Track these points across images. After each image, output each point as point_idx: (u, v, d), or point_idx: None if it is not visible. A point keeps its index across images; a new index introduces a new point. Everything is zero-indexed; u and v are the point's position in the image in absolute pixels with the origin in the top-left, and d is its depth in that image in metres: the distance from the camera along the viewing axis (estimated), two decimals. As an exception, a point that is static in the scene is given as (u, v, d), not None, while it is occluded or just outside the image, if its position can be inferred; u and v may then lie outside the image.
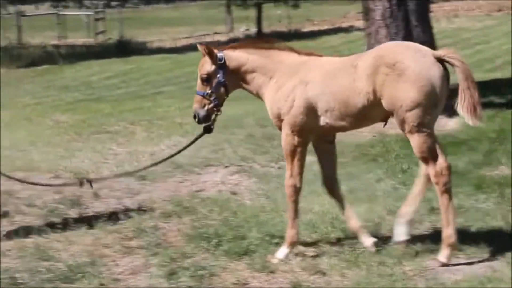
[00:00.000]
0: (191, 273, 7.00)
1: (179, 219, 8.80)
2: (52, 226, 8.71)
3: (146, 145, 13.01)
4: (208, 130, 7.68)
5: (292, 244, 7.36)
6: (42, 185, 9.68)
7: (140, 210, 9.11)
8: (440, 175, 6.82)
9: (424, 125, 6.76)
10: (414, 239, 7.49)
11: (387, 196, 9.21)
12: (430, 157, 6.84)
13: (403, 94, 6.69)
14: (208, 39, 37.80)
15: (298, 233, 7.43)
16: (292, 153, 7.24)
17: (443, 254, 7.04)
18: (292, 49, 7.46)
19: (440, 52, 6.83)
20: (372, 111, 6.93)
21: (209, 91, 7.43)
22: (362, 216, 7.97)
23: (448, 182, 6.86)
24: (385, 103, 6.82)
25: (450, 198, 6.90)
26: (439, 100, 6.77)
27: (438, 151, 6.86)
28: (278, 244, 7.54)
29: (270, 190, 9.90)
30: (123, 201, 9.70)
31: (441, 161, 6.82)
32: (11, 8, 42.19)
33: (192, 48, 33.82)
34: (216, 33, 40.89)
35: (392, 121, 7.06)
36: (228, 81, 7.43)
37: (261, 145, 12.48)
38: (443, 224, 7.04)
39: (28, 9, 50.48)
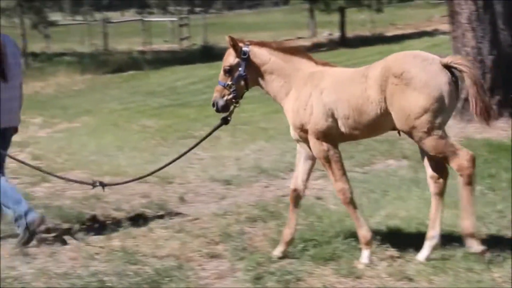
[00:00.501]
0: (277, 277, 6.99)
1: (264, 224, 8.82)
2: (139, 230, 8.83)
3: (230, 150, 13.10)
4: (225, 121, 7.80)
5: (368, 243, 7.34)
6: (58, 177, 9.73)
7: (226, 215, 9.15)
8: (466, 167, 6.87)
9: (434, 129, 6.86)
10: (499, 245, 7.36)
11: (475, 202, 9.05)
12: (450, 154, 6.90)
13: (412, 102, 6.82)
14: (292, 44, 37.87)
15: (369, 230, 7.40)
16: (327, 159, 7.28)
17: (471, 244, 7.05)
18: (310, 58, 7.57)
19: (447, 59, 6.92)
20: (384, 120, 7.05)
21: (230, 83, 7.55)
22: (448, 222, 7.86)
23: (472, 174, 6.90)
24: (394, 112, 6.95)
25: (472, 190, 6.95)
26: (447, 106, 6.86)
27: (457, 146, 6.96)
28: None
29: (355, 195, 9.81)
30: (209, 205, 9.77)
31: (463, 153, 6.90)
32: (98, 15, 42.91)
33: (275, 53, 34.00)
34: (299, 37, 40.98)
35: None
36: (249, 75, 7.54)
37: (345, 150, 12.39)
38: (462, 216, 7.07)
39: (114, 16, 51.41)
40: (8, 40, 8.86)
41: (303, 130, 7.31)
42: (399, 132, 7.26)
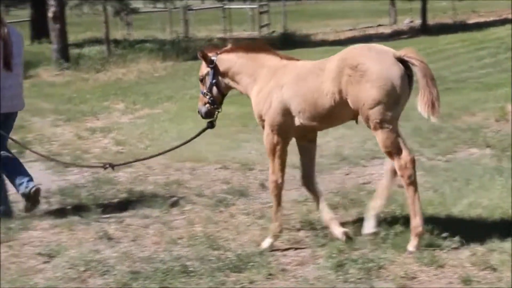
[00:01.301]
0: (359, 265, 6.96)
1: (345, 212, 8.80)
2: (220, 215, 8.90)
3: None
4: (210, 125, 8.43)
5: (275, 236, 7.72)
6: (68, 164, 10.20)
7: (307, 201, 9.13)
8: (405, 168, 7.17)
9: (386, 122, 7.11)
10: None
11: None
12: (394, 151, 7.20)
13: (365, 93, 7.07)
14: (372, 31, 37.58)
15: (281, 225, 7.77)
16: (273, 151, 7.70)
17: (411, 244, 7.28)
18: (275, 53, 7.97)
19: (400, 53, 7.13)
20: (340, 111, 7.34)
21: (205, 91, 8.19)
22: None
23: (413, 175, 7.18)
24: (350, 102, 7.21)
25: (415, 190, 7.20)
26: (400, 98, 7.09)
27: (402, 145, 7.20)
28: (446, 238, 7.41)
29: (437, 183, 9.74)
30: (290, 192, 9.77)
31: (405, 154, 7.17)
32: (178, 3, 43.19)
33: (356, 40, 33.77)
34: (379, 25, 40.61)
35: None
36: (220, 82, 8.10)
37: (428, 138, 12.31)
38: (410, 215, 7.30)
39: (195, 3, 51.68)
40: (12, 30, 9.34)
41: (261, 120, 7.74)
42: (356, 121, 7.48)
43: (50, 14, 28.49)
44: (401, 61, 7.13)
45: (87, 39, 37.75)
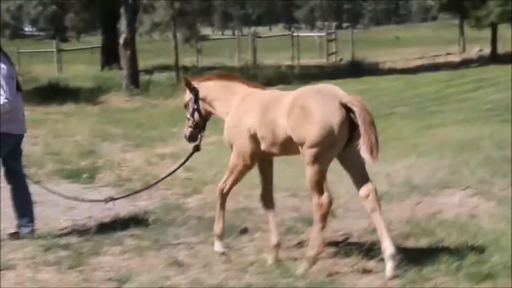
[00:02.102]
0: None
1: (416, 241, 8.66)
2: (290, 243, 8.84)
3: (381, 166, 12.88)
4: (196, 148, 9.08)
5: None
6: (67, 197, 10.26)
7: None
8: (320, 207, 7.66)
9: (318, 162, 7.57)
10: None
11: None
12: (316, 190, 7.66)
13: (306, 133, 7.54)
14: (441, 59, 37.28)
15: (222, 229, 8.54)
16: (233, 170, 8.38)
17: (300, 270, 7.71)
18: (243, 82, 8.69)
19: (346, 99, 7.55)
20: (292, 143, 7.76)
21: (188, 116, 8.89)
22: None
23: (325, 216, 7.71)
24: (293, 137, 7.71)
25: (322, 228, 7.71)
26: (337, 141, 7.54)
27: (325, 187, 7.68)
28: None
29: (510, 214, 9.54)
30: (359, 221, 9.68)
31: (325, 196, 7.65)
32: (246, 30, 43.49)
33: (425, 68, 33.53)
34: (448, 53, 40.32)
35: None
36: (201, 108, 8.80)
37: (500, 168, 12.09)
38: (308, 246, 7.89)
39: (262, 30, 52.04)
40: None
41: (230, 145, 8.44)
42: None
43: (121, 41, 28.97)
44: (346, 107, 7.52)
45: (157, 65, 38.27)
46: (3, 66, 9.52)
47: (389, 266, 7.56)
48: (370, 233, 9.00)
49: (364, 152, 7.46)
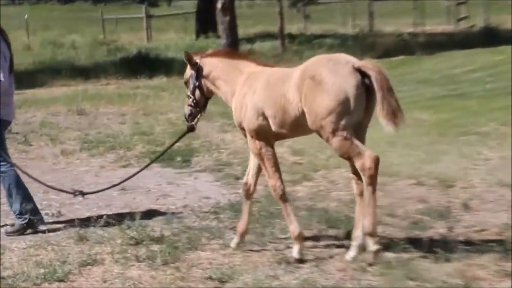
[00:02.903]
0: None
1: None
2: (416, 239, 8.72)
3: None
4: (190, 128, 9.34)
5: (297, 238, 8.37)
6: (39, 181, 10.25)
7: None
8: (367, 168, 7.82)
9: (339, 130, 7.83)
10: None
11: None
12: (354, 154, 7.86)
13: (319, 103, 7.84)
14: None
15: (298, 226, 8.42)
16: (260, 156, 8.57)
17: (368, 244, 7.97)
18: (252, 60, 9.05)
19: (359, 63, 7.89)
20: (304, 121, 8.05)
21: (188, 93, 9.20)
22: None
23: (375, 175, 7.86)
24: (307, 112, 7.99)
25: (373, 191, 7.90)
26: (353, 108, 7.80)
27: (362, 147, 7.88)
28: None
29: None
30: (497, 215, 9.48)
31: (367, 154, 7.83)
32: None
33: None
34: None
35: None
36: (203, 85, 9.08)
37: None
38: (363, 214, 8.01)
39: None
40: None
41: (241, 128, 8.71)
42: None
43: (218, 5, 29.08)
44: (361, 71, 7.84)
45: (259, 33, 38.33)
46: None
47: (352, 252, 8.15)
48: (510, 229, 8.81)
49: (384, 120, 7.76)
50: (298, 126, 8.23)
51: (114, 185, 10.29)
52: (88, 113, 19.35)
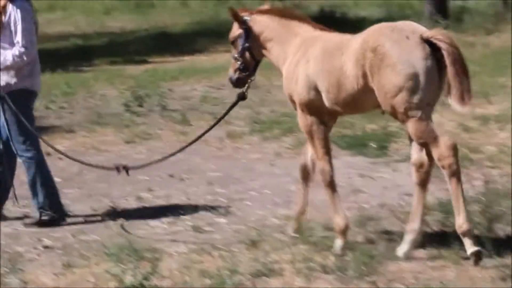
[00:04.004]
0: None
1: None
2: None
3: None
4: (241, 96, 9.95)
5: (341, 232, 9.03)
6: (82, 162, 11.44)
7: None
8: (445, 157, 8.28)
9: (411, 110, 8.31)
10: None
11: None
12: (429, 140, 8.35)
13: (386, 79, 8.32)
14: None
15: (344, 218, 9.08)
16: (310, 134, 9.15)
17: (466, 245, 8.42)
18: (309, 22, 9.49)
19: (428, 33, 8.34)
20: (364, 98, 8.65)
21: (236, 55, 9.74)
22: None
23: (454, 163, 8.29)
24: (376, 91, 8.46)
25: (458, 181, 8.35)
26: (423, 84, 8.26)
27: (437, 132, 8.40)
28: None
29: None
30: None
31: (443, 141, 8.32)
32: None
33: None
34: None
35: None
36: (253, 46, 9.64)
37: None
38: (454, 212, 8.47)
39: None
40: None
41: (291, 100, 9.31)
42: (382, 111, 8.79)
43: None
44: (430, 43, 8.27)
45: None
46: (25, 6, 10.50)
47: (405, 246, 8.77)
48: None
49: (454, 98, 8.23)
50: (355, 103, 8.80)
51: (166, 157, 10.92)
52: (260, 87, 19.16)
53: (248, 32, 9.59)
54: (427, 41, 8.29)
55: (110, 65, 24.81)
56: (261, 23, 9.58)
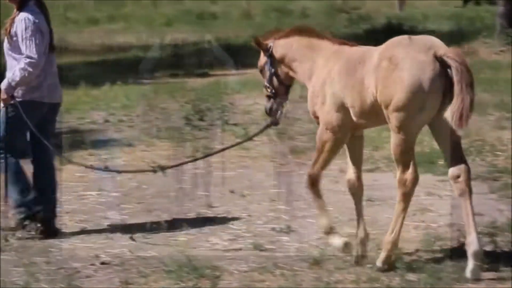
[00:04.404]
0: None
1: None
2: None
3: None
4: (274, 123, 10.26)
5: (327, 233, 9.49)
6: (110, 170, 11.89)
7: None
8: (404, 184, 8.92)
9: (406, 128, 8.78)
10: None
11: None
12: (400, 162, 8.90)
13: (392, 92, 8.69)
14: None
15: (328, 218, 9.55)
16: (322, 147, 9.44)
17: (380, 259, 9.08)
18: (327, 38, 9.78)
19: (443, 51, 8.65)
20: (381, 109, 8.88)
21: (266, 84, 10.02)
22: None
23: (409, 194, 8.98)
24: (378, 97, 8.85)
25: (404, 209, 9.01)
26: (428, 103, 8.67)
27: (412, 161, 8.91)
28: None
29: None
30: None
31: (410, 171, 8.89)
32: None
33: None
34: None
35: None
36: (279, 71, 9.94)
37: None
38: (389, 229, 9.06)
39: None
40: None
41: (315, 117, 9.55)
42: None
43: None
44: (442, 61, 8.60)
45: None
46: (29, 16, 10.46)
47: (471, 265, 8.70)
48: None
49: (452, 116, 8.46)
50: (375, 115, 9.02)
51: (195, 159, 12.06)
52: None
53: (272, 58, 9.89)
54: (439, 59, 8.62)
55: (171, 78, 24.88)
56: (284, 47, 9.88)
